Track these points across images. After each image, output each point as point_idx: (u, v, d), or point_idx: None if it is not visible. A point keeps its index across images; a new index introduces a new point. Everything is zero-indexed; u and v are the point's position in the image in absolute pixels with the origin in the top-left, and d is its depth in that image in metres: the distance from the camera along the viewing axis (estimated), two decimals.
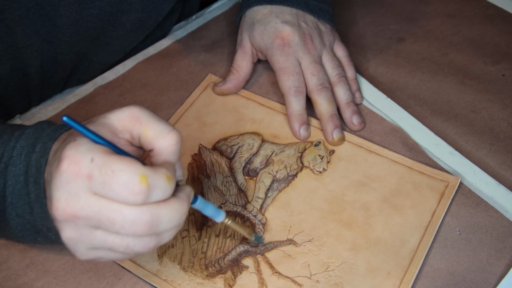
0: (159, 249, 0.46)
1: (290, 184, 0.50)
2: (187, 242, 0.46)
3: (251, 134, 0.54)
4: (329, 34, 0.58)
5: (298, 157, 0.52)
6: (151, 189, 0.32)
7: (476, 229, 0.47)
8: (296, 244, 0.46)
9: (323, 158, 0.52)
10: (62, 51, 0.55)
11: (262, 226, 0.47)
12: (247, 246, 0.46)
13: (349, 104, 0.55)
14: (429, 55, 0.63)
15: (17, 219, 0.37)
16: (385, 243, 0.46)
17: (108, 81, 0.60)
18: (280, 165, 0.52)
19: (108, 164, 0.31)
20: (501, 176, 0.51)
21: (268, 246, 0.46)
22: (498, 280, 0.44)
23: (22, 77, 0.54)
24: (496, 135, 0.54)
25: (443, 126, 0.55)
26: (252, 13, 0.57)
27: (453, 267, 0.45)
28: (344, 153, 0.53)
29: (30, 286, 0.44)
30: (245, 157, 0.52)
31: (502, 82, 0.59)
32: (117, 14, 0.55)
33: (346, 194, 0.49)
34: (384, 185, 0.50)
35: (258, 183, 0.50)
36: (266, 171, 0.51)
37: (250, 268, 0.45)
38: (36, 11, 0.49)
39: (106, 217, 0.32)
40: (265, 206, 0.49)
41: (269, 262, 0.45)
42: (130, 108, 0.35)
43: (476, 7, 0.68)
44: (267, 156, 0.52)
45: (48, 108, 0.58)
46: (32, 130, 0.38)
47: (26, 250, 0.46)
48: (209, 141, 0.54)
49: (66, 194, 0.32)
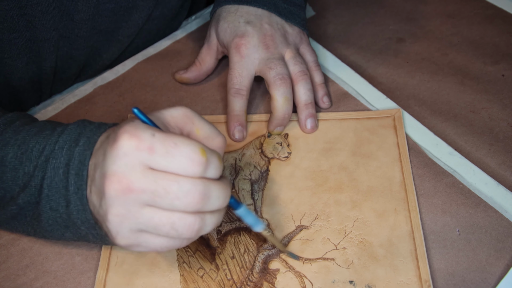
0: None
1: (268, 179, 0.51)
2: (208, 278, 0.45)
3: None
4: (295, 36, 0.57)
5: (260, 153, 0.53)
6: (207, 163, 0.34)
7: (476, 229, 0.47)
8: (307, 227, 0.47)
9: (282, 144, 0.53)
10: (77, 47, 0.56)
11: (268, 227, 0.47)
12: (266, 252, 0.46)
13: (307, 106, 0.54)
14: (429, 55, 0.63)
15: (50, 212, 0.38)
16: (376, 188, 0.50)
17: (107, 81, 0.60)
18: (249, 167, 0.52)
19: (170, 138, 0.34)
20: (500, 176, 0.51)
21: (285, 242, 0.47)
22: (498, 280, 0.44)
23: (37, 70, 0.56)
24: (495, 135, 0.54)
25: (442, 126, 0.55)
26: (221, 10, 0.57)
27: (453, 267, 0.45)
28: (297, 131, 0.55)
29: (29, 286, 0.44)
30: None
31: (501, 82, 0.59)
32: (132, 10, 0.57)
33: (321, 165, 0.52)
34: (346, 143, 0.53)
35: (240, 192, 0.50)
36: (241, 178, 0.51)
37: (281, 269, 0.45)
38: (57, 6, 0.51)
39: (161, 187, 0.33)
40: (258, 209, 0.49)
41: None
42: (183, 108, 0.38)
43: (475, 7, 0.68)
44: (232, 165, 0.52)
45: (48, 108, 0.58)
46: (74, 126, 0.39)
47: (26, 250, 0.46)
48: None
49: (123, 166, 0.33)
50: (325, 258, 0.45)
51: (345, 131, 0.54)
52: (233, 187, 0.51)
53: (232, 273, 0.45)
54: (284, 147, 0.53)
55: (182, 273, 0.45)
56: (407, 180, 0.50)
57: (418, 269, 0.44)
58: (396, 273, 0.44)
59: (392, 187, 0.50)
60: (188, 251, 0.46)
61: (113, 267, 0.45)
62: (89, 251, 0.47)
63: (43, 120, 0.44)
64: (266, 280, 0.44)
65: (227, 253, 0.46)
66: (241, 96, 0.54)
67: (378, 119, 0.55)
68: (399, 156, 0.52)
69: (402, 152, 0.52)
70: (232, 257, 0.46)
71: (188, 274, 0.45)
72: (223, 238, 0.47)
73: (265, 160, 0.52)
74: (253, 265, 0.45)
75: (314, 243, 0.46)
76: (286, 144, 0.53)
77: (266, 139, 0.54)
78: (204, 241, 0.47)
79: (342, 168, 0.51)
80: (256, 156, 0.53)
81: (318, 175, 0.51)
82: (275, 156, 0.53)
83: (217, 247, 0.46)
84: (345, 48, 0.64)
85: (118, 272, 0.45)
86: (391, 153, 0.52)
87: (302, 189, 0.50)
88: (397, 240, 0.46)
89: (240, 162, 0.52)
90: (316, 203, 0.49)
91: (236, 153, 0.53)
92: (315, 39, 0.64)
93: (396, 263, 0.45)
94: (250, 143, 0.54)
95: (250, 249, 0.46)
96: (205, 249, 0.46)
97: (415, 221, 0.47)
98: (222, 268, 0.45)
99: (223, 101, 0.58)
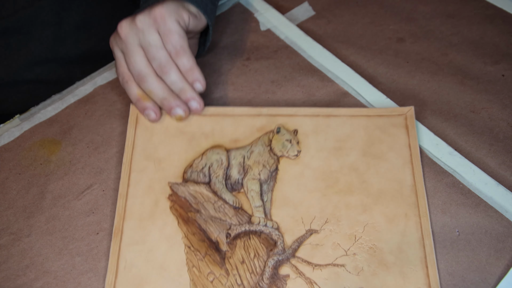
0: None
1: (277, 179, 0.50)
2: (218, 283, 0.44)
3: (212, 149, 0.52)
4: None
5: (269, 150, 0.52)
6: None
7: (476, 229, 0.47)
8: (317, 232, 0.47)
9: (291, 141, 0.52)
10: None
11: (278, 231, 0.47)
12: (276, 257, 0.46)
13: (180, 93, 0.51)
14: (429, 55, 0.63)
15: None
16: (387, 192, 0.49)
17: (107, 81, 0.60)
18: (258, 166, 0.51)
19: None
20: (500, 176, 0.51)
21: (295, 246, 0.46)
22: (498, 280, 0.44)
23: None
24: (495, 135, 0.54)
25: (442, 126, 0.55)
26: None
27: (453, 268, 0.45)
28: (306, 127, 0.53)
29: (29, 286, 0.44)
30: (221, 175, 0.50)
31: (501, 82, 0.59)
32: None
33: (331, 165, 0.51)
34: (356, 141, 0.52)
35: (248, 193, 0.49)
36: (250, 178, 0.50)
37: (291, 275, 0.45)
38: None
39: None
40: (268, 211, 0.48)
41: (305, 260, 0.45)
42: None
43: (475, 7, 0.68)
44: (240, 163, 0.51)
45: (47, 108, 0.58)
46: None
47: (26, 251, 0.46)
48: (175, 175, 0.50)
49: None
50: (335, 264, 0.45)
51: (356, 128, 0.53)
52: (241, 187, 0.50)
53: (242, 279, 0.45)
54: (293, 145, 0.51)
55: (192, 278, 0.44)
56: (418, 184, 0.49)
57: (427, 277, 0.44)
58: (406, 281, 0.44)
59: (403, 190, 0.49)
60: (197, 255, 0.46)
61: (122, 271, 0.45)
62: (89, 251, 0.47)
63: None
64: (276, 286, 0.44)
65: (237, 257, 0.46)
66: (127, 83, 0.52)
67: (390, 117, 0.53)
68: (410, 158, 0.50)
69: (413, 154, 0.51)
70: (242, 262, 0.45)
71: (197, 279, 0.44)
72: (232, 241, 0.46)
73: (274, 158, 0.51)
74: (263, 270, 0.45)
75: (324, 248, 0.46)
76: (296, 142, 0.52)
77: (275, 135, 0.52)
78: (214, 245, 0.46)
79: (352, 169, 0.50)
80: (265, 154, 0.51)
81: (328, 176, 0.50)
82: (284, 154, 0.51)
83: (226, 251, 0.46)
84: (345, 48, 0.64)
85: (128, 277, 0.45)
86: (402, 154, 0.51)
87: (312, 190, 0.49)
88: (407, 246, 0.46)
89: (249, 160, 0.51)
90: (326, 206, 0.48)
91: (244, 150, 0.52)
92: (315, 39, 0.64)
93: (406, 270, 0.44)
94: (258, 139, 0.52)
95: (260, 254, 0.46)
96: (215, 253, 0.46)
97: (425, 227, 0.46)
98: (232, 273, 0.45)
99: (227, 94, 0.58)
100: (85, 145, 0.55)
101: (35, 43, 0.63)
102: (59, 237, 0.48)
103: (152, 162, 0.51)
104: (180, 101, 0.51)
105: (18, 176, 0.53)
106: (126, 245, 0.46)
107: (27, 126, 0.56)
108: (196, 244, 0.46)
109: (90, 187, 0.51)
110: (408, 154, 0.51)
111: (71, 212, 0.50)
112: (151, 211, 0.48)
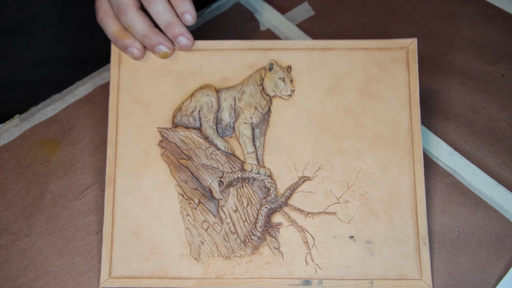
0: (193, 252, 0.45)
1: (270, 122, 0.48)
2: (213, 231, 0.45)
3: (202, 90, 0.49)
4: None
5: (261, 90, 0.49)
6: None
7: (475, 230, 0.47)
8: (309, 179, 0.46)
9: (285, 80, 0.48)
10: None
11: (270, 178, 0.47)
12: (269, 205, 0.46)
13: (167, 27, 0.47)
14: (429, 55, 0.63)
15: None
16: (382, 136, 0.47)
17: (107, 81, 0.60)
18: (250, 109, 0.48)
19: None
20: (500, 176, 0.51)
21: (287, 194, 0.46)
22: (498, 280, 0.44)
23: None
24: (495, 135, 0.54)
25: (442, 126, 0.55)
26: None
27: (452, 268, 0.45)
28: (300, 63, 0.49)
29: (29, 286, 0.44)
30: (211, 119, 0.48)
31: (501, 82, 0.59)
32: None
33: (325, 106, 0.48)
34: (353, 79, 0.49)
35: (240, 138, 0.48)
36: (242, 122, 0.48)
37: (284, 223, 0.45)
38: None
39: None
40: (260, 157, 0.47)
41: (297, 208, 0.46)
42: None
43: (475, 7, 0.68)
44: (231, 106, 0.48)
45: (47, 108, 0.58)
46: None
47: (26, 251, 0.46)
48: (164, 119, 0.48)
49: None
50: (327, 213, 0.45)
51: (353, 65, 0.49)
52: (233, 131, 0.48)
53: (236, 227, 0.45)
54: (287, 83, 0.48)
55: (187, 226, 0.45)
56: (414, 128, 0.47)
57: (416, 225, 0.44)
58: (395, 229, 0.44)
59: (398, 135, 0.47)
60: (191, 203, 0.46)
61: (119, 221, 0.45)
62: (89, 251, 0.47)
63: None
64: (269, 234, 0.45)
65: (230, 206, 0.46)
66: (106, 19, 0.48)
67: (390, 50, 0.50)
68: (409, 99, 0.48)
69: (412, 94, 0.48)
70: (235, 210, 0.46)
71: (193, 227, 0.45)
72: (225, 189, 0.46)
73: (266, 99, 0.49)
74: (256, 219, 0.45)
75: (316, 196, 0.46)
76: (289, 80, 0.49)
77: (267, 73, 0.49)
78: (207, 193, 0.46)
79: (347, 111, 0.48)
80: (257, 95, 0.49)
81: (322, 118, 0.48)
82: (277, 94, 0.48)
83: (219, 199, 0.46)
84: None
85: (124, 226, 0.45)
86: (400, 94, 0.48)
87: (305, 134, 0.48)
88: (399, 194, 0.46)
89: (240, 102, 0.49)
90: (320, 151, 0.47)
91: (235, 91, 0.49)
92: (315, 39, 0.64)
93: (395, 218, 0.45)
94: (250, 77, 0.49)
95: (253, 202, 0.46)
96: (208, 202, 0.46)
97: (418, 175, 0.46)
98: (226, 221, 0.45)
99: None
100: (85, 145, 0.55)
101: (37, 44, 0.63)
102: (59, 237, 0.48)
103: (140, 105, 0.49)
104: (163, 37, 0.47)
105: (18, 176, 0.53)
106: (120, 194, 0.46)
107: (27, 126, 0.56)
108: (189, 192, 0.46)
109: (90, 187, 0.51)
110: (407, 94, 0.48)
111: (71, 212, 0.50)
112: (143, 159, 0.47)
